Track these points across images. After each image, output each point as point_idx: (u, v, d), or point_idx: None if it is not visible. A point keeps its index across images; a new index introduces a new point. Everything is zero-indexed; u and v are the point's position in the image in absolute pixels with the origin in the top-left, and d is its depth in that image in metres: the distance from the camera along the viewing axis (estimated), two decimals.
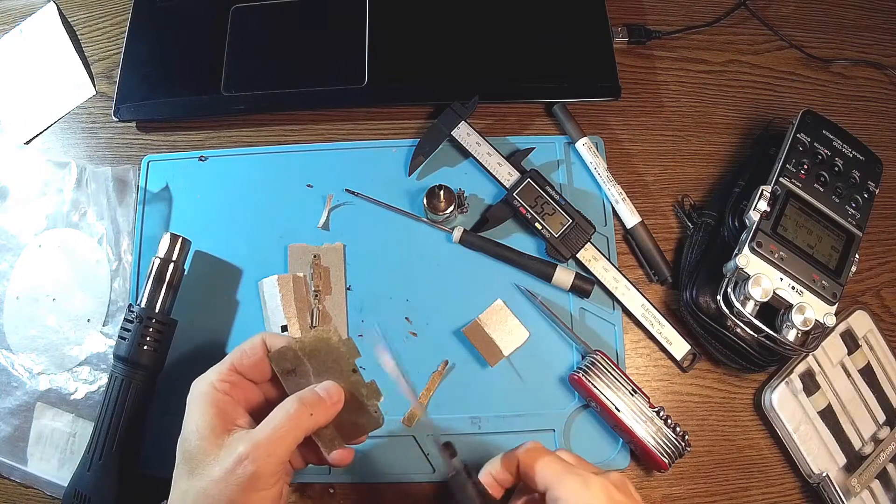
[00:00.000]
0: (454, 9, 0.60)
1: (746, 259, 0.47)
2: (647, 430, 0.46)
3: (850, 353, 0.51)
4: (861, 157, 0.52)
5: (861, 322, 0.52)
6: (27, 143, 0.60)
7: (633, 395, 0.47)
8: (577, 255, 0.52)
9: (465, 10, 0.60)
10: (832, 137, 0.52)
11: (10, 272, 0.55)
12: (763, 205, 0.48)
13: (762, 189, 0.49)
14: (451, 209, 0.53)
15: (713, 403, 0.51)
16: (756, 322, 0.46)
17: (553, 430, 0.49)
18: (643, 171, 0.57)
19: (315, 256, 0.53)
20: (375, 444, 0.49)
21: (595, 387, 0.47)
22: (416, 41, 0.60)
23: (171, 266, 0.49)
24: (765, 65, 0.61)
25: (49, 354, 0.53)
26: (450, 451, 0.39)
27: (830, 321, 0.46)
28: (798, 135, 0.51)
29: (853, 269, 0.49)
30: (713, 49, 0.61)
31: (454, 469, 0.39)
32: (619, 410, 0.47)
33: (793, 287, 0.47)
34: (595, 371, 0.48)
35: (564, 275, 0.51)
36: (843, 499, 0.47)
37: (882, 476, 0.49)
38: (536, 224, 0.52)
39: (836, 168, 0.51)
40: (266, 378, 0.39)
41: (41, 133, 0.60)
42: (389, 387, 0.50)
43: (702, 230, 0.53)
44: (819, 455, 0.48)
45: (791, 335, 0.46)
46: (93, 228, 0.55)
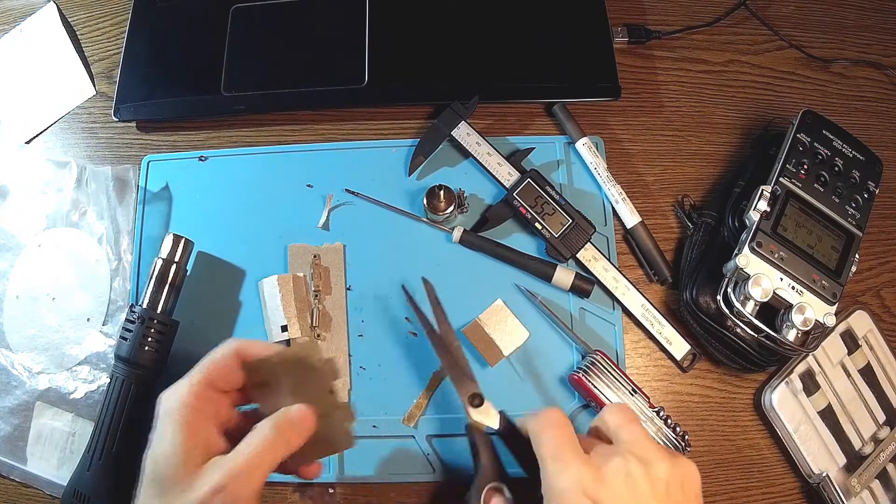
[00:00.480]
0: (454, 9, 0.60)
1: (746, 259, 0.47)
2: (648, 430, 0.46)
3: (851, 353, 0.51)
4: (861, 157, 0.52)
5: (861, 322, 0.52)
6: (27, 143, 0.60)
7: (633, 396, 0.47)
8: (577, 255, 0.52)
9: (466, 10, 0.60)
10: (832, 137, 0.52)
11: (10, 271, 0.55)
12: (763, 205, 0.48)
13: (762, 189, 0.49)
14: (451, 209, 0.53)
15: (713, 403, 0.51)
16: (756, 322, 0.46)
17: None
18: (643, 171, 0.57)
19: (315, 256, 0.53)
20: (376, 444, 0.49)
21: (595, 387, 0.47)
22: (416, 41, 0.60)
23: (174, 267, 0.49)
24: (765, 65, 0.61)
25: (49, 354, 0.52)
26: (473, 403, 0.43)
27: (830, 321, 0.46)
28: (798, 135, 0.51)
29: (853, 269, 0.49)
30: (713, 49, 0.61)
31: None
32: None
33: (793, 287, 0.46)
34: (595, 371, 0.48)
35: (564, 275, 0.51)
36: (843, 499, 0.47)
37: (882, 476, 0.49)
38: (536, 224, 0.52)
39: (836, 168, 0.51)
40: (237, 387, 0.37)
41: (41, 133, 0.60)
42: (386, 387, 0.50)
43: (702, 230, 0.53)
44: (819, 455, 0.48)
45: (791, 335, 0.46)
46: (93, 228, 0.55)
